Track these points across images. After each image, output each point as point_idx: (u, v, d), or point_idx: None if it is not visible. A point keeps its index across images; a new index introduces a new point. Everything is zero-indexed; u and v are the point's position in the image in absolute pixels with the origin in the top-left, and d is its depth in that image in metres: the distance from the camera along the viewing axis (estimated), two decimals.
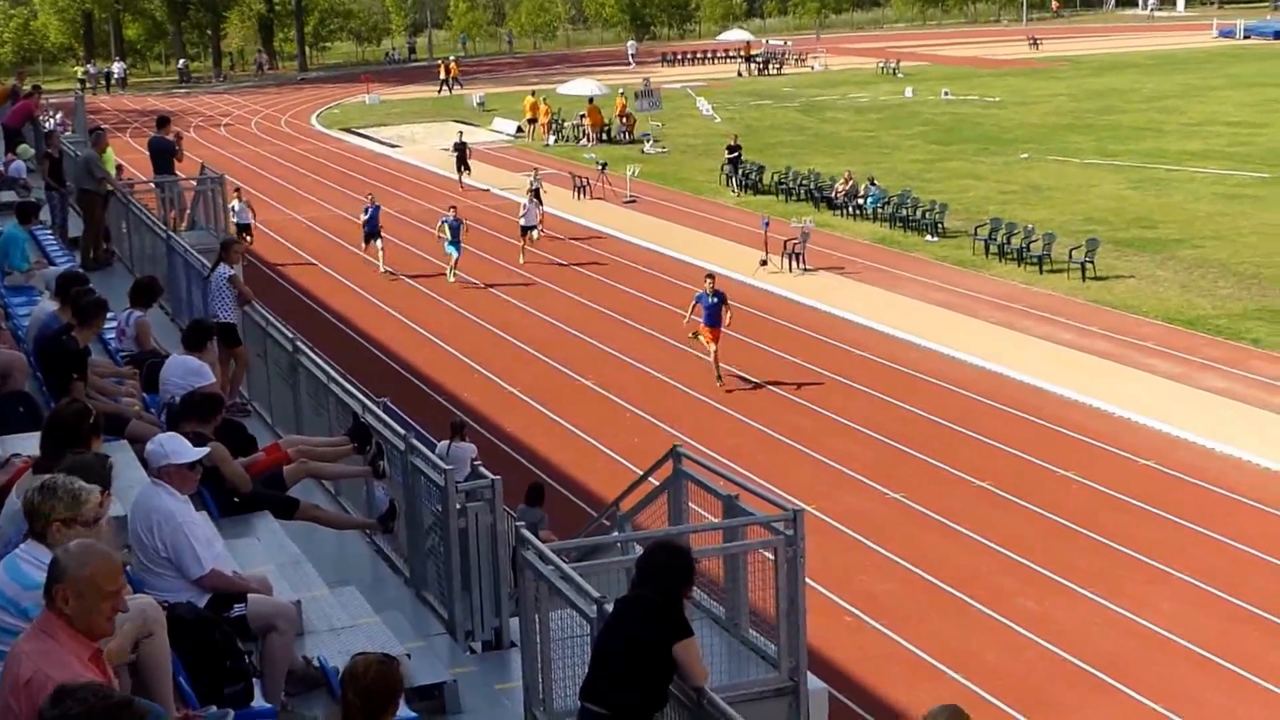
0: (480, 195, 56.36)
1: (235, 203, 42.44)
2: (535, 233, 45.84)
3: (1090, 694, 19.03)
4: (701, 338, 32.20)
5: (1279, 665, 19.41)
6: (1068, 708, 18.71)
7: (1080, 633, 20.57)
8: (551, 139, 71.14)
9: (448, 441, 20.78)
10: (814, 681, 11.79)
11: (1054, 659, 19.92)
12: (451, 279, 41.97)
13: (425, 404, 30.48)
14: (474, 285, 41.84)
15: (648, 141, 67.18)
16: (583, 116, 71.04)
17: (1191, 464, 26.61)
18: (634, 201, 53.50)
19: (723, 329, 31.84)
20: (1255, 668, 19.37)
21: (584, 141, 69.72)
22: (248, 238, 43.21)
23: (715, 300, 31.56)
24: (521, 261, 44.08)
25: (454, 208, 43.63)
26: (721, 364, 32.03)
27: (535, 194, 47.32)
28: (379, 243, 43.89)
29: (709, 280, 32.20)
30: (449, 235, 41.75)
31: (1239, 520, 24.14)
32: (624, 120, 70.99)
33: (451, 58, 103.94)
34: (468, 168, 58.36)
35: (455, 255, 41.93)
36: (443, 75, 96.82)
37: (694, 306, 32.44)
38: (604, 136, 70.20)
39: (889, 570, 22.92)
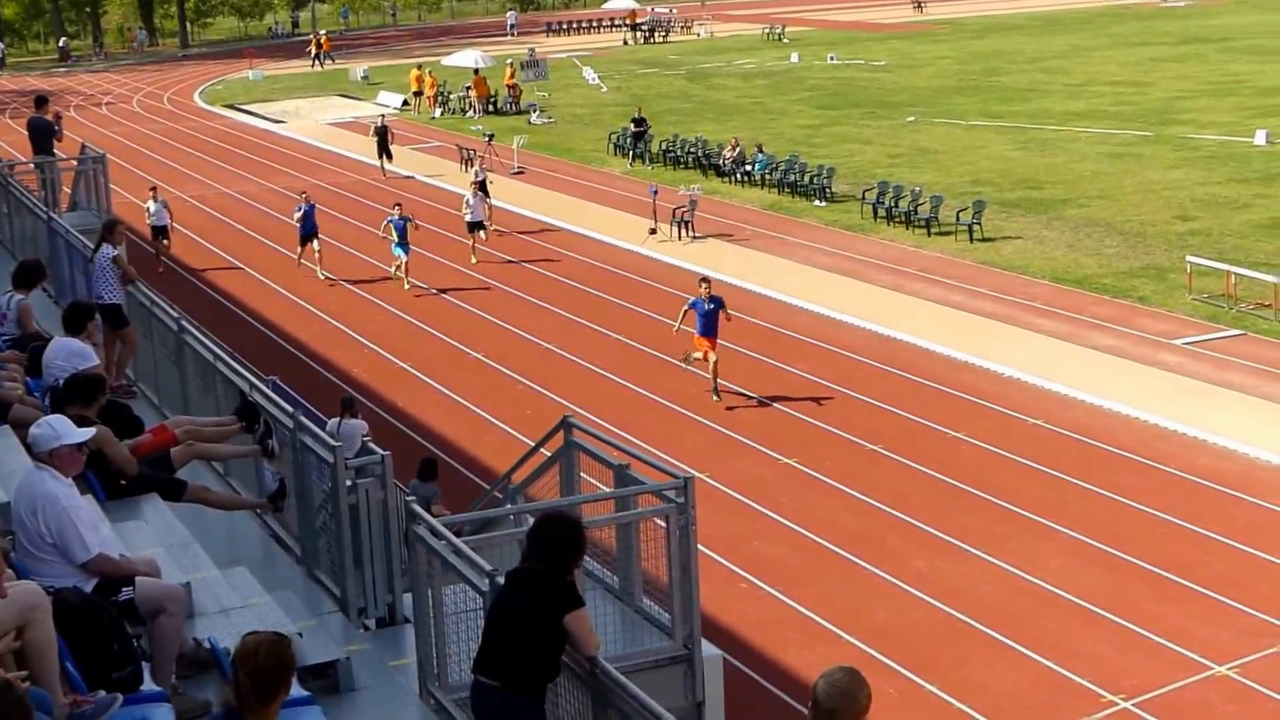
0: (405, 184, 53.21)
1: (151, 203, 40.74)
2: (484, 233, 41.41)
3: (980, 650, 19.28)
4: (695, 354, 28.94)
5: (1164, 617, 19.74)
6: (958, 665, 18.93)
7: (969, 590, 20.82)
8: (438, 111, 70.73)
9: (338, 418, 20.64)
10: (708, 648, 11.84)
11: (944, 617, 20.14)
12: (406, 286, 38.03)
13: (315, 382, 30.27)
14: (428, 293, 37.94)
15: (534, 112, 66.99)
16: (468, 88, 70.67)
17: (1079, 422, 26.97)
18: (521, 172, 53.34)
19: (718, 339, 28.92)
20: (1141, 620, 19.68)
21: (470, 113, 69.39)
22: (165, 241, 41.05)
23: (712, 307, 28.43)
24: (474, 262, 40.50)
25: (399, 205, 39.52)
26: (697, 371, 29.15)
27: (481, 186, 42.93)
28: (316, 245, 39.92)
29: (704, 285, 29.05)
30: (395, 236, 38.13)
31: (1125, 476, 24.51)
32: (512, 91, 70.70)
33: (322, 32, 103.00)
34: (389, 154, 54.78)
35: (403, 258, 38.25)
36: (313, 50, 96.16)
37: (685, 314, 28.97)
38: (490, 107, 69.89)
39: (781, 534, 23.06)
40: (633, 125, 55.52)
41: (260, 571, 12.13)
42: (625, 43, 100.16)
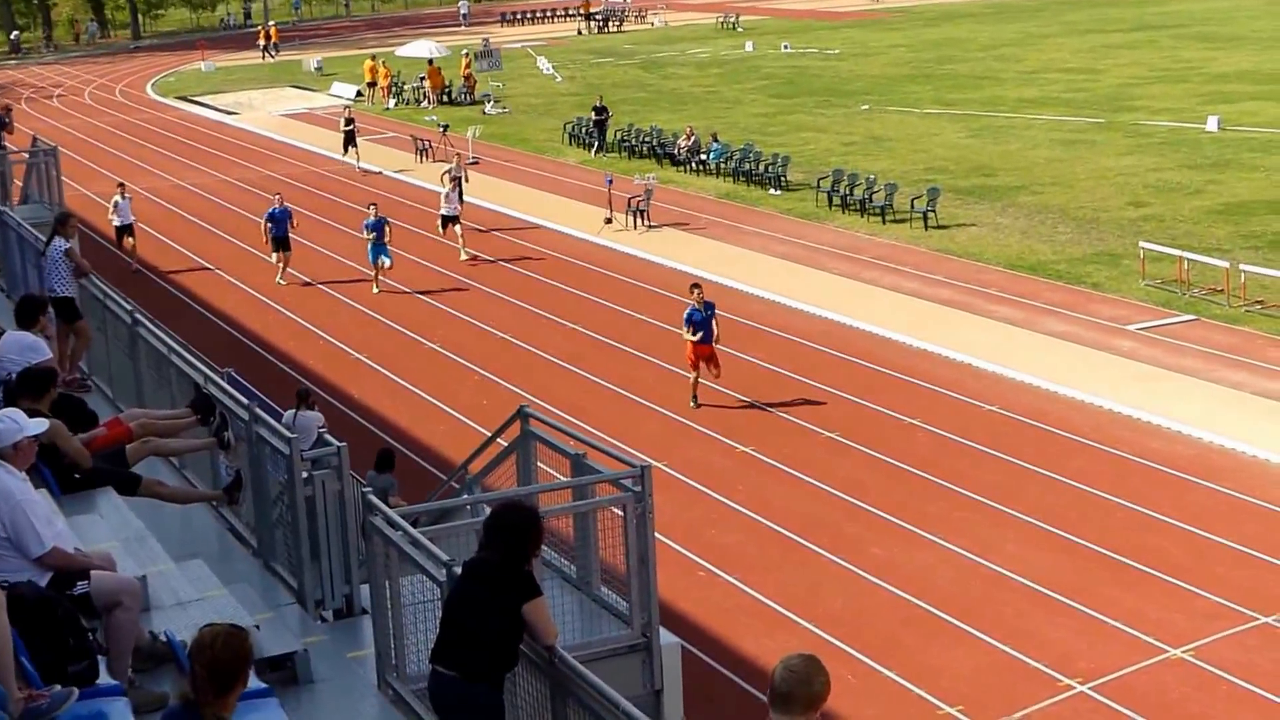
0: (373, 180, 52.01)
1: (118, 198, 39.61)
2: (458, 226, 39.94)
3: (937, 635, 19.35)
4: (692, 366, 27.84)
5: (1119, 601, 19.86)
6: (916, 650, 19.00)
7: (926, 577, 20.89)
8: (392, 102, 70.51)
9: (293, 410, 20.56)
10: (666, 636, 11.88)
11: (901, 604, 20.21)
12: (376, 290, 36.55)
13: (272, 374, 30.15)
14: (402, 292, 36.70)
15: (489, 102, 66.85)
16: (423, 78, 70.45)
17: (1034, 407, 27.09)
18: (476, 163, 53.16)
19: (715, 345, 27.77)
20: (1097, 604, 19.79)
21: (425, 103, 69.18)
22: (130, 240, 39.76)
23: (707, 314, 27.47)
24: (463, 258, 39.32)
25: (374, 205, 37.59)
26: (704, 382, 28.01)
27: (456, 181, 41.42)
28: (277, 255, 38.11)
29: (696, 291, 27.92)
30: (371, 235, 36.30)
31: (1080, 461, 24.63)
32: (467, 81, 70.52)
33: (271, 23, 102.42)
34: (356, 149, 53.50)
35: (388, 262, 36.36)
36: (262, 41, 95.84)
37: (689, 327, 27.59)
38: (445, 98, 69.71)
39: (738, 522, 23.10)
40: (594, 114, 55.32)
41: (216, 564, 12.10)
42: (579, 32, 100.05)
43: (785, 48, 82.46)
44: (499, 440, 14.25)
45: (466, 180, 43.12)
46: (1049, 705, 17.61)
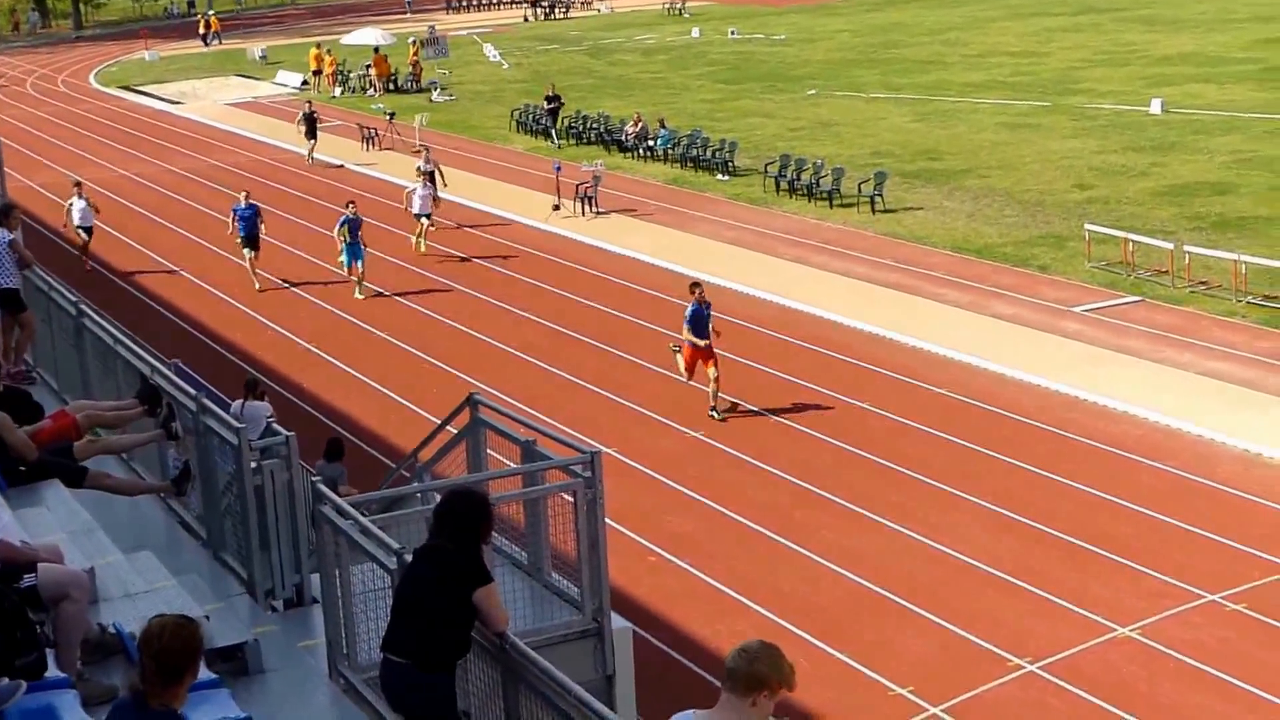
0: (333, 172, 51.40)
1: (75, 199, 38.27)
2: (427, 220, 39.02)
3: (889, 618, 19.43)
4: (681, 360, 26.98)
5: (1068, 581, 19.98)
6: (868, 633, 19.08)
7: (880, 560, 20.97)
8: (338, 90, 70.24)
9: (241, 401, 20.48)
10: (618, 621, 11.90)
11: (855, 587, 20.29)
12: (359, 294, 35.12)
13: (221, 364, 30.01)
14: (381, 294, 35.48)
15: (436, 89, 66.66)
16: (368, 66, 70.20)
17: (983, 390, 27.22)
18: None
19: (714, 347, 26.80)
20: (1045, 584, 19.91)
21: (371, 91, 68.92)
22: (83, 235, 38.37)
23: (705, 311, 26.55)
24: (423, 251, 38.46)
25: (352, 203, 36.06)
26: (696, 384, 26.99)
27: (429, 177, 40.37)
28: (249, 251, 36.41)
29: (697, 290, 26.87)
30: (349, 237, 34.83)
31: (1027, 443, 24.77)
32: (414, 69, 70.27)
33: (211, 12, 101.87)
34: (315, 141, 52.14)
35: (359, 265, 35.01)
36: (202, 30, 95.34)
37: (688, 326, 26.64)
38: (391, 86, 69.46)
39: (690, 508, 23.13)
40: (546, 103, 54.97)
41: (165, 555, 12.04)
42: (525, 19, 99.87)
43: (732, 33, 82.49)
44: (449, 428, 14.23)
45: (443, 179, 41.79)
46: (998, 685, 17.71)
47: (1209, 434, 24.60)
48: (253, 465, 12.04)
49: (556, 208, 41.87)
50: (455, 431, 13.61)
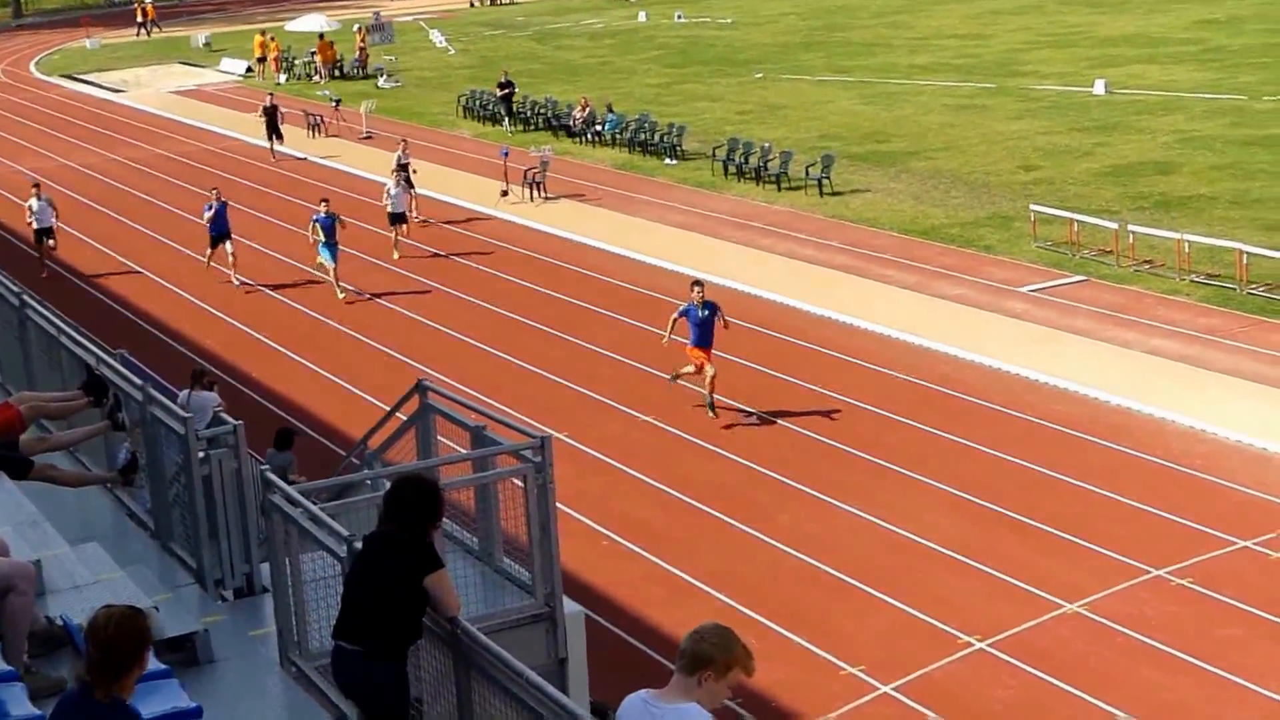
0: (298, 166, 50.03)
1: (33, 200, 36.46)
2: (413, 218, 38.28)
3: (848, 602, 19.50)
4: (686, 368, 25.91)
5: (1017, 559, 20.11)
6: (822, 615, 19.14)
7: (831, 541, 21.05)
8: (283, 77, 69.89)
9: (188, 390, 20.34)
10: (570, 605, 11.90)
11: (806, 568, 20.36)
12: (340, 294, 33.86)
13: (168, 354, 29.85)
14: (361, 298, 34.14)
15: (381, 75, 66.39)
16: (313, 53, 69.88)
17: (929, 370, 27.33)
18: (370, 137, 52.88)
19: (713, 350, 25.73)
20: (996, 563, 20.03)
21: (316, 78, 68.61)
22: (50, 242, 36.81)
23: (706, 314, 25.40)
24: (396, 257, 36.95)
25: (326, 200, 34.79)
26: (685, 383, 26.11)
27: (405, 171, 39.43)
28: (229, 246, 35.38)
29: (697, 289, 25.76)
30: (323, 236, 33.72)
31: (976, 422, 24.89)
32: (360, 55, 69.97)
33: (148, 1, 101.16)
34: (279, 134, 50.63)
35: (331, 265, 33.82)
36: (139, 18, 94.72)
37: (675, 323, 25.93)
38: (337, 72, 69.15)
39: (644, 492, 23.16)
40: (499, 89, 54.41)
41: (113, 546, 11.99)
42: (471, 4, 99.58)
43: (679, 17, 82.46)
44: (398, 415, 14.20)
45: (414, 171, 40.30)
46: (949, 663, 17.82)
47: (1155, 411, 24.78)
48: (200, 455, 11.99)
49: (504, 194, 41.80)
50: (405, 418, 13.59)
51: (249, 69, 72.36)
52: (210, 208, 35.34)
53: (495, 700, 8.76)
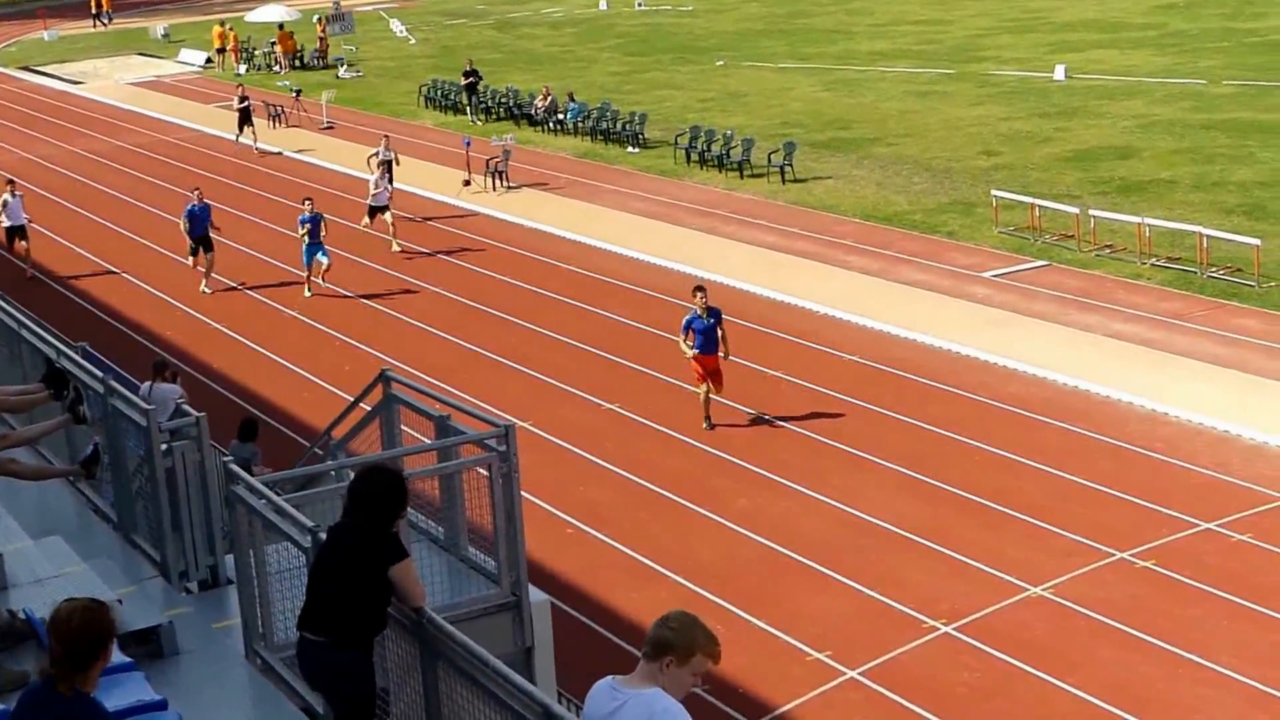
0: (269, 160, 48.94)
1: (6, 196, 35.45)
2: (389, 214, 36.58)
3: (805, 583, 19.56)
4: (702, 389, 24.69)
5: (980, 542, 20.19)
6: (785, 598, 19.20)
7: (793, 525, 21.11)
8: (243, 68, 69.54)
9: (149, 383, 20.28)
10: (536, 594, 11.90)
11: (769, 553, 20.41)
12: (308, 293, 33.06)
13: (131, 347, 29.74)
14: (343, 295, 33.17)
15: (342, 66, 66.17)
16: (273, 43, 69.57)
17: (893, 355, 27.41)
18: (331, 127, 52.73)
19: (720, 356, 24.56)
20: (958, 546, 20.11)
21: (277, 68, 68.33)
22: (22, 242, 35.63)
23: (710, 321, 24.30)
24: (396, 249, 36.17)
25: (310, 200, 33.53)
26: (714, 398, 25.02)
27: (386, 166, 38.56)
28: (203, 252, 34.03)
29: (700, 295, 24.49)
30: (308, 237, 32.62)
31: (939, 407, 24.98)
32: (320, 45, 69.68)
33: None
34: (253, 128, 49.69)
35: (325, 262, 32.77)
36: (94, 9, 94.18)
37: (686, 335, 24.44)
38: (297, 62, 68.87)
39: (606, 479, 23.19)
40: (464, 78, 53.82)
41: (76, 540, 11.95)
42: None
43: (639, 5, 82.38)
44: (362, 405, 14.17)
45: (397, 163, 39.80)
46: (914, 647, 17.89)
47: (1116, 394, 24.92)
48: (163, 447, 11.95)
49: (467, 183, 41.73)
50: (368, 409, 13.56)
51: (208, 60, 72.00)
52: (191, 210, 33.84)
53: (461, 689, 8.75)
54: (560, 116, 49.72)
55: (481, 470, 11.61)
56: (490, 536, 11.68)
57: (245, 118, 49.54)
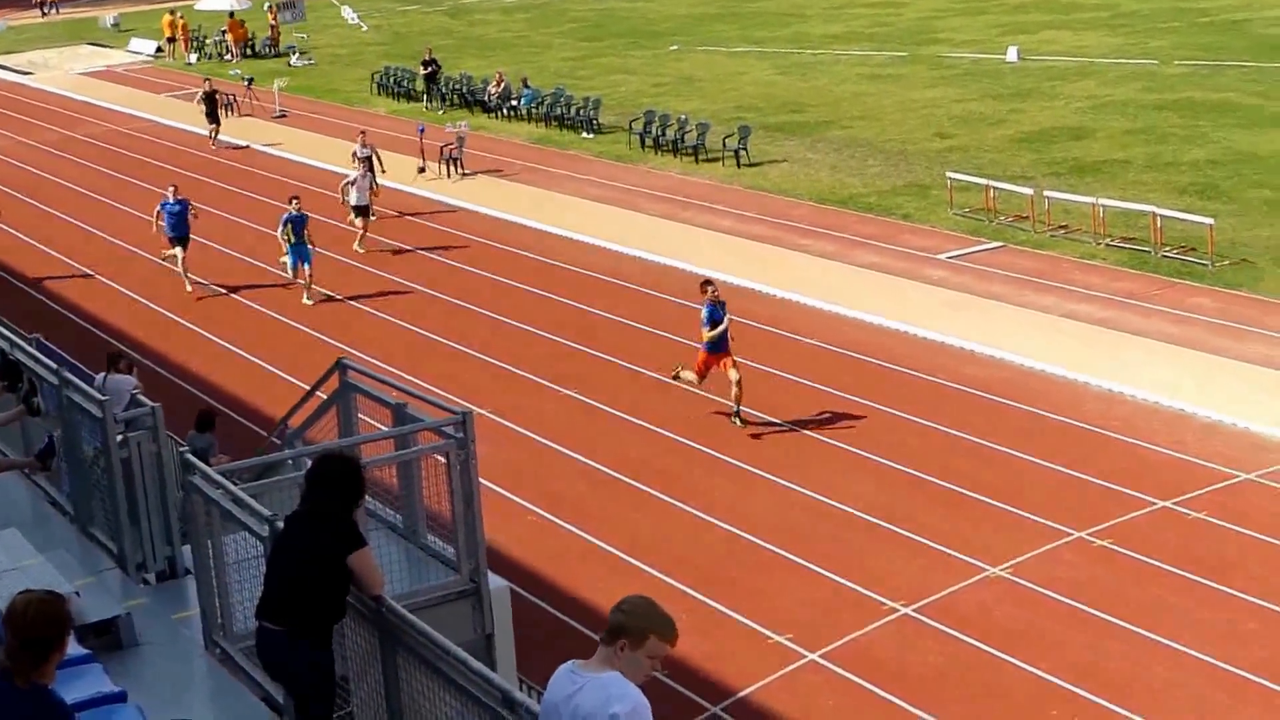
0: (237, 154, 47.86)
1: None
2: (363, 221, 35.34)
3: (766, 568, 19.59)
4: (691, 372, 24.25)
5: (939, 524, 20.24)
6: (745, 583, 19.22)
7: (752, 510, 21.12)
8: (193, 57, 69.13)
9: (104, 374, 20.14)
10: (496, 580, 11.90)
11: (731, 538, 20.42)
12: (308, 300, 31.60)
13: (86, 340, 29.55)
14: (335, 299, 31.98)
15: (294, 54, 65.85)
16: (224, 32, 69.16)
17: (850, 338, 27.46)
18: (284, 116, 52.48)
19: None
20: (918, 529, 20.16)
21: (228, 57, 67.93)
22: None
23: (721, 316, 23.67)
24: (360, 251, 34.97)
25: (296, 198, 32.22)
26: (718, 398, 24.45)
27: (367, 162, 37.14)
28: (180, 250, 32.90)
29: (709, 288, 23.94)
30: (293, 236, 31.40)
31: (897, 389, 25.04)
32: (272, 33, 69.32)
33: None
34: (218, 121, 48.28)
35: (306, 268, 31.56)
36: None
37: (707, 327, 23.79)
38: (248, 51, 68.49)
39: (565, 465, 23.16)
40: (422, 67, 53.13)
41: (32, 532, 11.87)
42: None
43: None
44: (319, 393, 14.12)
45: (380, 163, 38.24)
46: (874, 629, 17.94)
47: (1072, 375, 25.02)
48: (119, 438, 11.88)
49: (421, 170, 41.60)
50: (325, 397, 13.51)
51: (159, 49, 71.51)
52: (164, 205, 32.78)
53: (422, 677, 8.74)
54: (514, 103, 49.61)
55: (439, 457, 11.58)
56: (449, 524, 11.66)
57: (212, 112, 48.09)
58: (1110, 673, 16.75)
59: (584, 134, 46.07)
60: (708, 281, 24.77)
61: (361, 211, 35.15)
